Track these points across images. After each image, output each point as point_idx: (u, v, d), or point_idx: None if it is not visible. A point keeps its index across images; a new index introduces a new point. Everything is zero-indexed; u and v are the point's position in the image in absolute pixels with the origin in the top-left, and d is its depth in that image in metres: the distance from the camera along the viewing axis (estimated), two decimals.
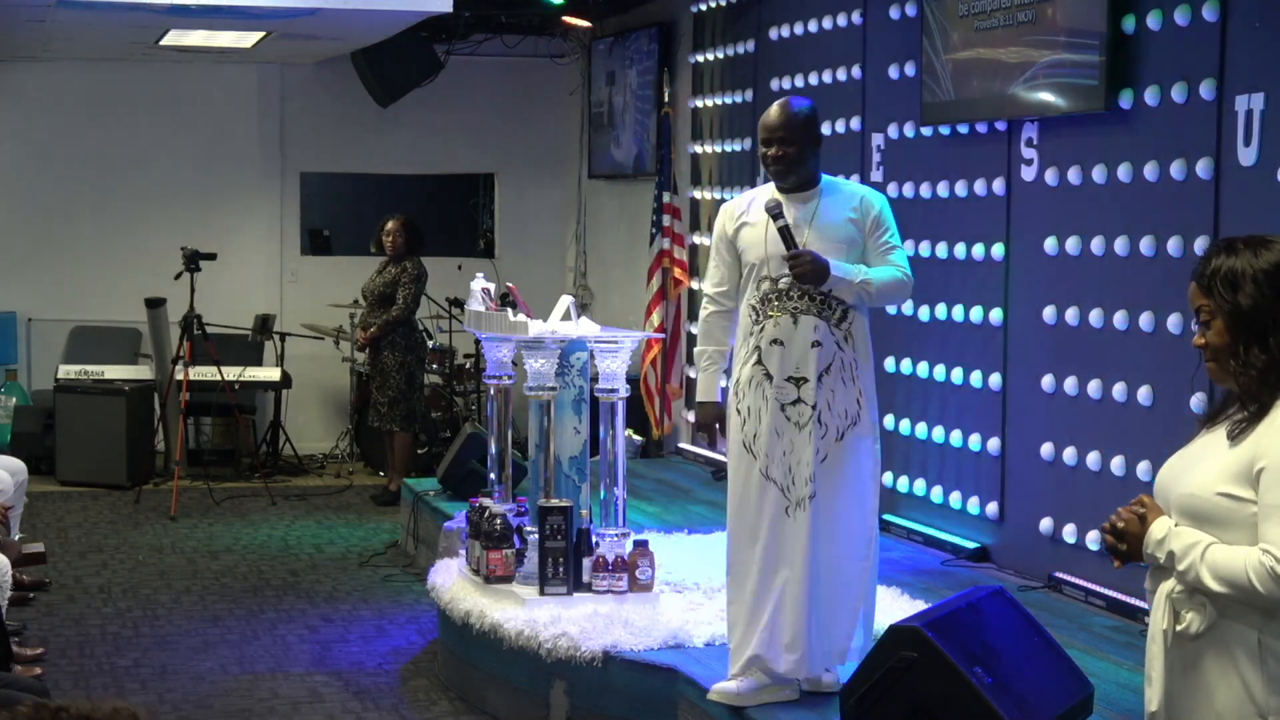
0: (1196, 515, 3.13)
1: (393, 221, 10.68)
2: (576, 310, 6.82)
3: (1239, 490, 3.08)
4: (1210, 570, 3.06)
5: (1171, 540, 3.13)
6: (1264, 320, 3.14)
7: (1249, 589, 3.02)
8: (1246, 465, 3.08)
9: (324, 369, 12.67)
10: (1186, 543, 3.10)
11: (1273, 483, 3.03)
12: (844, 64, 8.74)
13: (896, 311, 8.19)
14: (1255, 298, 3.15)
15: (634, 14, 11.86)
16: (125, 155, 12.73)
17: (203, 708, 6.50)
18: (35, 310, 12.58)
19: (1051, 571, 6.95)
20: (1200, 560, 3.07)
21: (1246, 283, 3.15)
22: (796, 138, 5.33)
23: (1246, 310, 3.15)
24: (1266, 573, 2.99)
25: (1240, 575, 3.02)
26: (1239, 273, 3.16)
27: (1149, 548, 3.16)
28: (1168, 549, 3.13)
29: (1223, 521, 3.09)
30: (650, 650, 5.85)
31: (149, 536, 9.76)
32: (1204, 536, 3.09)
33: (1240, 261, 3.17)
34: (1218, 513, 3.10)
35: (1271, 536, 3.01)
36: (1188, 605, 3.14)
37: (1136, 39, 6.48)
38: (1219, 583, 3.05)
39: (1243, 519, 3.07)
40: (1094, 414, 6.75)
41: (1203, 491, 3.12)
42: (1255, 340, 3.15)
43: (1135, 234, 6.49)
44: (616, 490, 6.54)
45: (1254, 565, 3.01)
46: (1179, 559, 3.11)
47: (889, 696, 4.56)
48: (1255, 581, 3.00)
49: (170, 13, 9.95)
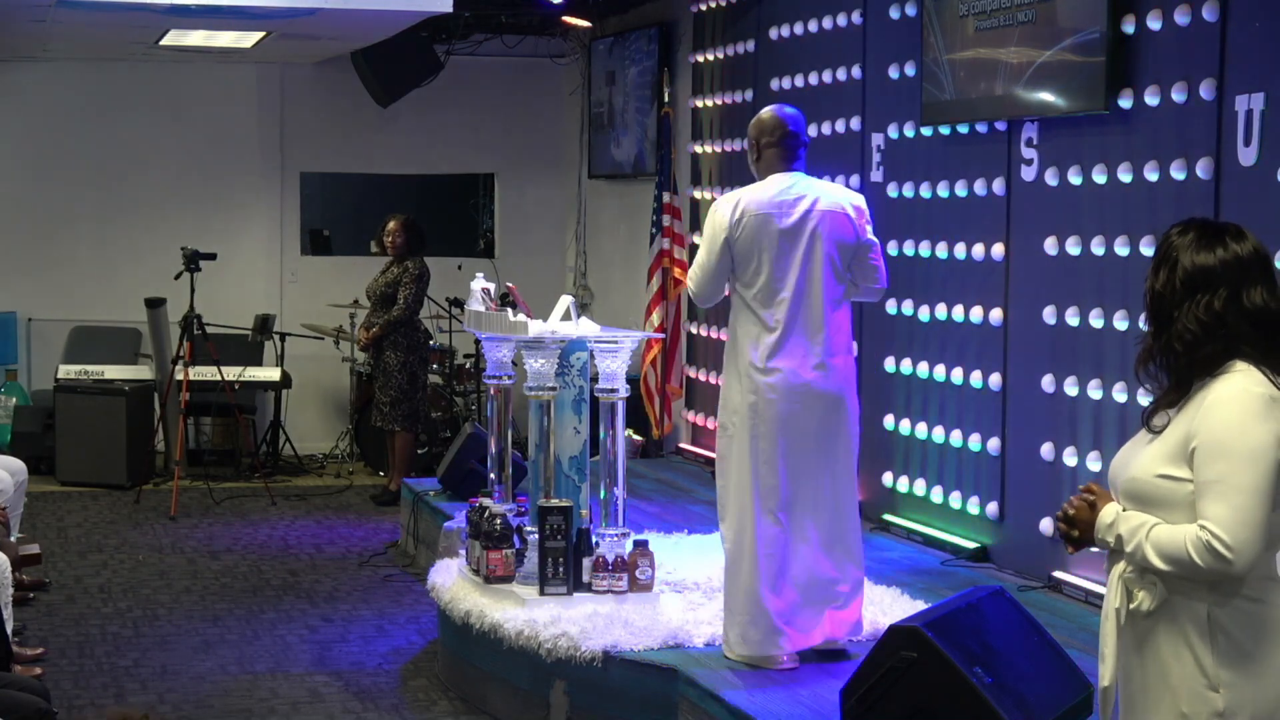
0: (1139, 498, 3.27)
1: (393, 221, 10.68)
2: (576, 310, 6.81)
3: (1176, 471, 3.21)
4: (1155, 549, 3.19)
5: (1119, 524, 3.26)
6: (1167, 309, 3.27)
7: (1190, 564, 3.14)
8: (1181, 446, 3.21)
9: (324, 369, 12.67)
10: (1133, 525, 3.24)
11: (1205, 460, 3.16)
12: (844, 64, 8.74)
13: (897, 311, 8.19)
14: (1167, 285, 3.28)
15: (634, 14, 11.86)
16: (125, 155, 12.73)
17: (203, 708, 6.50)
18: (35, 310, 12.58)
19: (1051, 571, 6.95)
20: (1145, 540, 3.21)
21: (1166, 268, 3.28)
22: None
23: (1155, 294, 3.29)
24: (1204, 546, 3.12)
25: (1181, 551, 3.15)
26: (1169, 256, 3.29)
27: (1099, 532, 3.30)
28: (1116, 532, 3.26)
29: (1163, 502, 3.23)
30: (650, 650, 5.85)
31: (149, 536, 9.76)
32: (1148, 518, 3.23)
33: (1180, 246, 3.28)
34: (1158, 494, 3.23)
35: (1208, 512, 3.14)
36: (1139, 585, 3.27)
37: (1136, 39, 6.48)
38: (1163, 560, 3.18)
39: (1182, 498, 3.20)
40: (1094, 414, 6.75)
41: (1143, 475, 3.26)
42: (1153, 321, 3.30)
43: (1135, 234, 6.49)
44: (616, 490, 6.53)
45: (1192, 540, 3.14)
46: (1126, 541, 3.24)
47: (889, 696, 4.56)
48: (1195, 556, 3.13)
49: (170, 13, 9.95)
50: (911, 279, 8.10)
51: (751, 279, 5.65)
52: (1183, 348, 3.23)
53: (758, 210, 5.63)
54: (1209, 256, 3.24)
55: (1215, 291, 3.22)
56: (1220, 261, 3.23)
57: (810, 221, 5.62)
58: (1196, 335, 3.22)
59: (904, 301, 8.14)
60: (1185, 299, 3.24)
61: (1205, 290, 3.22)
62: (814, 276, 5.62)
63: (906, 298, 8.12)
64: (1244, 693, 3.18)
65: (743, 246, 5.63)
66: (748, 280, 5.66)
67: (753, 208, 5.63)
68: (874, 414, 8.49)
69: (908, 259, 8.12)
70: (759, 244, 5.62)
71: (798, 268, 5.61)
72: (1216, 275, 3.22)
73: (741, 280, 5.69)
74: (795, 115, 5.80)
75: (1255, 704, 3.19)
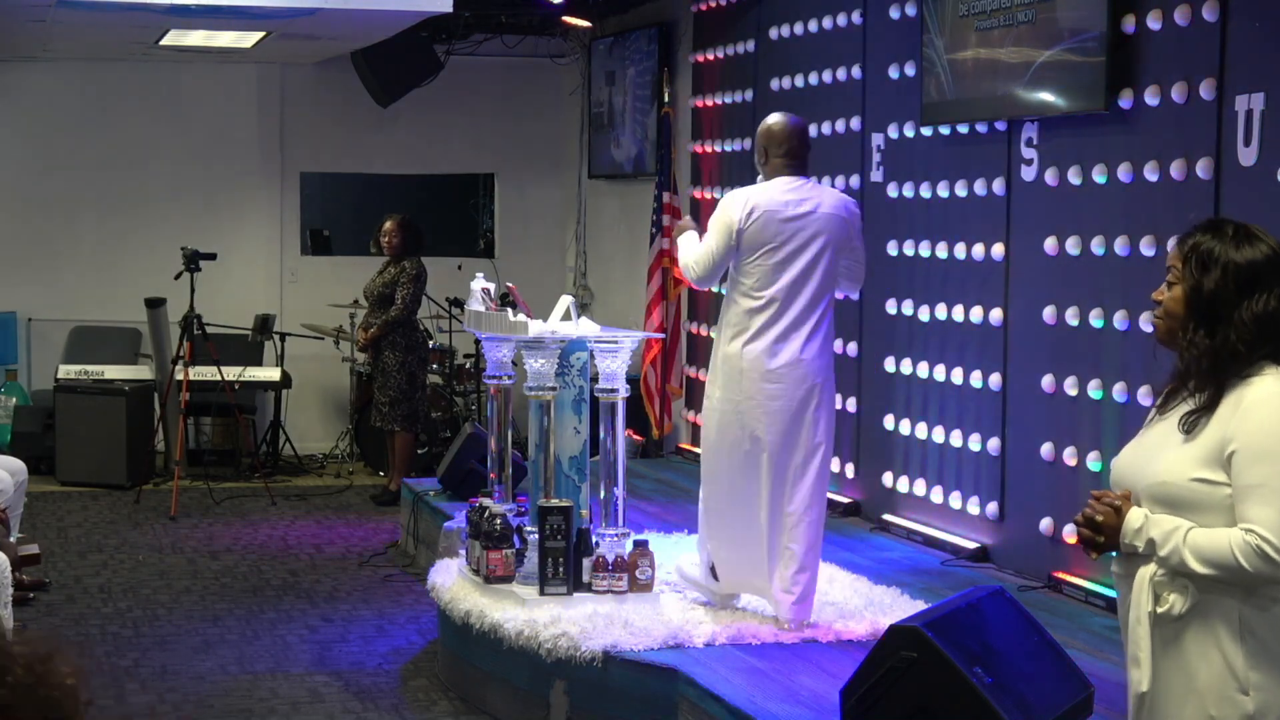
0: (1170, 502, 3.22)
1: (390, 221, 10.67)
2: (576, 310, 6.81)
3: (1212, 475, 3.18)
4: (1194, 553, 3.15)
5: (1150, 528, 3.22)
6: (1218, 309, 3.24)
7: (1236, 568, 3.11)
8: (1217, 450, 3.18)
9: (324, 369, 12.67)
10: (1165, 529, 3.20)
11: (1246, 464, 3.13)
12: (844, 64, 8.74)
13: (897, 311, 8.19)
14: (1219, 285, 3.25)
15: (634, 14, 11.86)
16: (125, 155, 12.73)
17: (203, 708, 6.50)
18: (35, 310, 12.58)
19: (1051, 571, 6.95)
20: (1182, 544, 3.17)
21: (1216, 268, 3.25)
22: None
23: (1207, 293, 3.25)
24: (1253, 551, 3.09)
25: (1226, 555, 3.11)
26: (1214, 256, 3.26)
27: (1127, 537, 3.25)
28: (1146, 536, 3.22)
29: (1197, 506, 3.19)
30: (650, 650, 5.85)
31: (149, 536, 9.76)
32: (1181, 522, 3.19)
33: (1220, 246, 3.26)
34: (1192, 498, 3.20)
35: (1252, 516, 3.11)
36: (1169, 588, 3.23)
37: (1136, 39, 6.48)
38: (1203, 564, 3.14)
39: (1217, 502, 3.17)
40: (1094, 414, 6.75)
41: (1176, 479, 3.21)
42: (1205, 324, 3.26)
43: (1135, 234, 6.49)
44: (616, 490, 6.53)
45: (1239, 544, 3.10)
46: (1160, 545, 3.20)
47: (889, 696, 4.56)
48: (1242, 560, 3.10)
49: (170, 13, 9.95)
50: (911, 279, 8.10)
51: (751, 269, 6.08)
52: (1246, 347, 3.20)
53: (767, 206, 6.07)
54: (1255, 252, 3.24)
55: (1271, 289, 3.21)
56: (1266, 257, 3.23)
57: (813, 222, 6.08)
58: (1254, 334, 3.20)
59: (904, 301, 8.14)
60: (1243, 297, 3.22)
61: (1260, 288, 3.21)
62: (810, 272, 6.07)
63: (906, 298, 8.12)
64: (1274, 695, 3.15)
65: (750, 238, 6.06)
66: (747, 270, 6.09)
67: (763, 204, 6.08)
68: (874, 414, 8.50)
69: (908, 259, 8.13)
70: (764, 237, 6.05)
71: (795, 263, 6.05)
72: (1267, 272, 3.22)
73: (741, 270, 6.11)
74: (802, 126, 6.27)
75: None
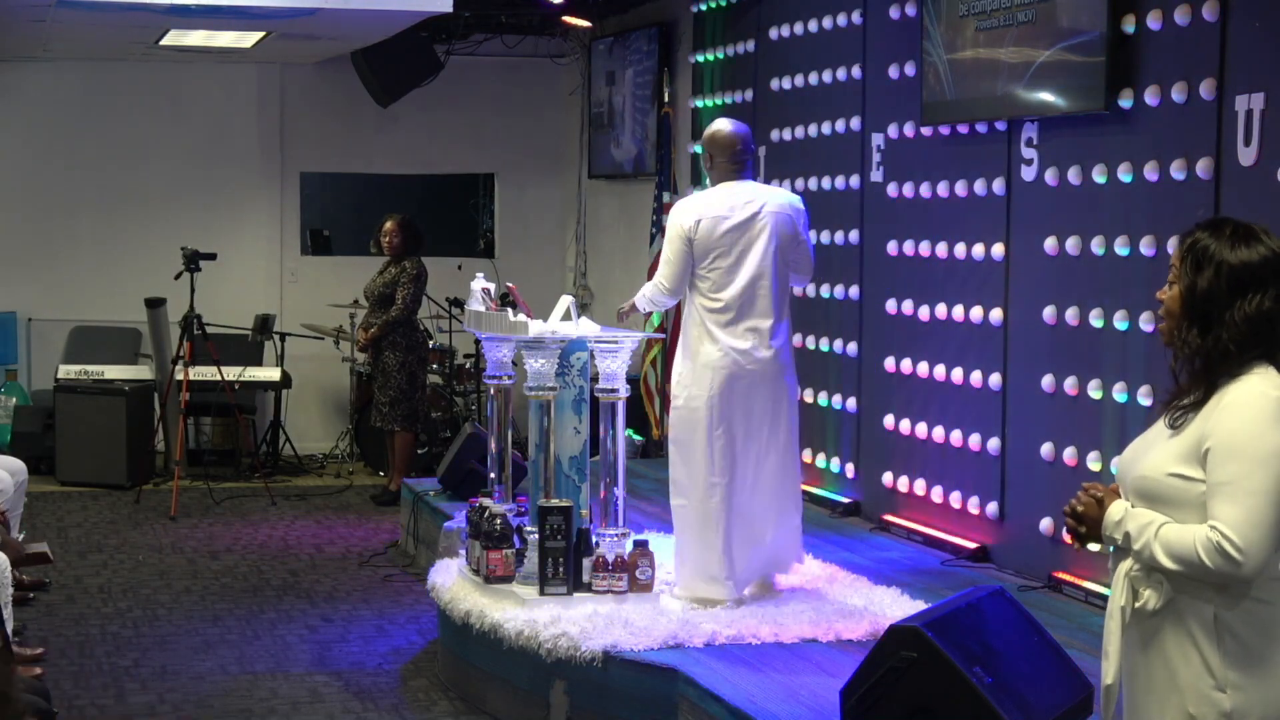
0: (1149, 496, 3.26)
1: (390, 221, 10.67)
2: (576, 310, 6.82)
3: (1189, 470, 3.20)
4: (1163, 548, 3.18)
5: (1128, 521, 3.25)
6: (1211, 309, 3.25)
7: (1199, 565, 3.14)
8: (1195, 446, 3.20)
9: (324, 369, 12.67)
10: (1141, 523, 3.23)
11: (1219, 462, 3.16)
12: (844, 64, 8.74)
13: (897, 311, 8.19)
14: (1211, 284, 3.25)
15: (634, 14, 11.86)
16: (125, 155, 12.73)
17: (203, 708, 6.50)
18: (35, 310, 12.58)
19: (1051, 571, 6.95)
20: (1154, 538, 3.20)
21: (1210, 267, 3.26)
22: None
23: (1200, 292, 3.26)
24: (1214, 548, 3.11)
25: (1190, 551, 3.14)
26: (1209, 255, 3.27)
27: (1107, 529, 3.29)
28: (1124, 529, 3.25)
29: (1174, 501, 3.22)
30: (650, 650, 5.85)
31: (149, 536, 9.76)
32: (1157, 516, 3.22)
33: (1216, 245, 3.27)
34: (1169, 493, 3.22)
35: (1219, 513, 3.14)
36: (1145, 583, 3.26)
37: (1136, 39, 6.48)
38: (1171, 559, 3.17)
39: (1193, 498, 3.19)
40: (1094, 414, 6.75)
41: (1154, 473, 3.25)
42: (1198, 323, 3.27)
43: (1135, 234, 6.49)
44: (616, 490, 6.54)
45: (1202, 541, 3.13)
46: (1134, 538, 3.23)
47: (889, 696, 4.56)
48: (1204, 557, 3.13)
49: (170, 13, 9.95)
50: (911, 279, 8.10)
51: (707, 271, 6.41)
52: (1236, 347, 3.21)
53: (713, 213, 6.41)
54: (1251, 254, 3.23)
55: (1265, 290, 3.21)
56: (1263, 259, 3.23)
57: (760, 221, 6.41)
58: (1245, 334, 3.21)
59: (904, 301, 8.14)
60: (1236, 298, 3.22)
61: (1254, 289, 3.21)
62: (763, 269, 6.40)
63: (906, 297, 8.12)
64: (1252, 694, 3.18)
65: (700, 246, 6.40)
66: (703, 273, 6.42)
67: (708, 211, 6.42)
68: (874, 414, 8.50)
69: (908, 259, 8.12)
70: (712, 243, 6.39)
71: (748, 261, 6.39)
72: (1263, 273, 3.22)
73: (698, 273, 6.43)
74: (746, 132, 6.62)
75: (1264, 705, 3.18)
